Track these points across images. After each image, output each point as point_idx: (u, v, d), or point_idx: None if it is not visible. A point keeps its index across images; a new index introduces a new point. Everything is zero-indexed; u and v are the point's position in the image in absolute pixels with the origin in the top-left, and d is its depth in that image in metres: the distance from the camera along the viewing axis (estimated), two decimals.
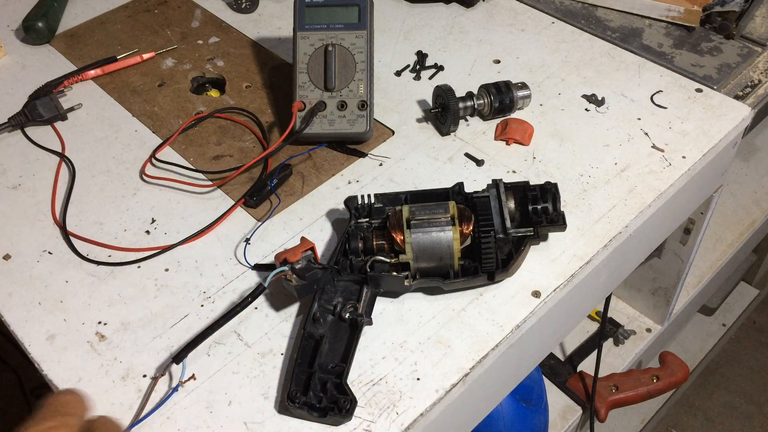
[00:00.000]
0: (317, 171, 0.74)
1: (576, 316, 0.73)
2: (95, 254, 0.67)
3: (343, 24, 0.75)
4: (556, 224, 0.63)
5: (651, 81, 0.82)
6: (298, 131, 0.73)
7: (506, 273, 0.62)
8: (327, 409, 0.54)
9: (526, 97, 0.78)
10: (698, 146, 0.74)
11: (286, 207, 0.70)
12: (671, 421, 1.61)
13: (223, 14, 0.95)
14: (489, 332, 0.59)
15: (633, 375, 1.03)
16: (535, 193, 0.64)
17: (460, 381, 0.57)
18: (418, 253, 0.60)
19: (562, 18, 0.92)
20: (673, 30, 0.90)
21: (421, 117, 0.79)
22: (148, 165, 0.75)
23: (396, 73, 0.85)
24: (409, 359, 0.58)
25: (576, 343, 1.10)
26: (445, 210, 0.61)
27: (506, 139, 0.75)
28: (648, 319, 1.12)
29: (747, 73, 0.85)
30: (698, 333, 1.57)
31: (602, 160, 0.73)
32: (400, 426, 0.54)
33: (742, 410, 1.63)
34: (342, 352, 0.57)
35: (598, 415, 1.00)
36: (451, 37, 0.90)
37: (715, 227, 1.26)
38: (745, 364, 1.70)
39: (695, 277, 1.18)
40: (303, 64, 0.75)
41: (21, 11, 0.93)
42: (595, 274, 0.67)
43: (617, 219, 0.68)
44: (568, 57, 0.86)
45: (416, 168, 0.74)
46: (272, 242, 0.67)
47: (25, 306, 0.63)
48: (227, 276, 0.65)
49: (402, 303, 0.62)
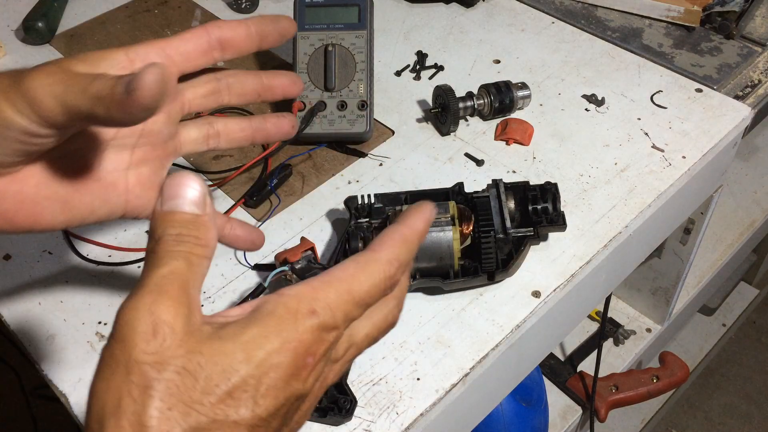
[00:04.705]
0: (317, 171, 0.74)
1: (576, 316, 0.73)
2: (95, 254, 0.67)
3: (343, 24, 0.75)
4: (556, 224, 0.63)
5: (651, 81, 0.82)
6: (298, 131, 0.73)
7: (506, 273, 0.62)
8: (327, 409, 0.54)
9: (526, 97, 0.78)
10: (698, 146, 0.74)
11: (286, 207, 0.70)
12: (671, 421, 1.61)
13: (223, 14, 0.95)
14: (489, 332, 0.59)
15: (633, 375, 1.03)
16: (535, 193, 0.64)
17: (460, 381, 0.57)
18: (418, 253, 0.60)
19: (562, 18, 0.92)
20: (673, 30, 0.90)
21: (421, 117, 0.79)
22: None
23: (396, 73, 0.85)
24: (409, 359, 0.58)
25: (576, 343, 1.10)
26: (445, 210, 0.61)
27: (506, 139, 0.75)
28: (648, 319, 1.12)
29: (747, 73, 0.85)
30: (698, 333, 1.57)
31: (602, 160, 0.73)
32: (400, 426, 0.54)
33: (742, 410, 1.63)
34: None
35: (598, 415, 1.00)
36: (451, 37, 0.90)
37: (715, 227, 1.26)
38: (745, 364, 1.70)
39: (695, 277, 1.18)
40: (303, 64, 0.75)
41: (21, 11, 0.93)
42: (595, 274, 0.67)
43: (617, 219, 0.68)
44: (568, 57, 0.86)
45: (416, 168, 0.74)
46: (272, 242, 0.67)
47: (25, 306, 0.63)
48: (227, 276, 0.65)
49: None
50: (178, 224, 0.33)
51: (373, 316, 0.36)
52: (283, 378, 0.31)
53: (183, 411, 0.28)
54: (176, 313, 0.30)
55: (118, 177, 0.45)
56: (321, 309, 0.32)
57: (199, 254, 0.33)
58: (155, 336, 0.29)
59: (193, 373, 0.29)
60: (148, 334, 0.29)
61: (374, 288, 0.34)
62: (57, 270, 0.66)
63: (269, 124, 0.50)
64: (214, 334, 0.30)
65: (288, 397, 0.31)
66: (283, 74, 0.49)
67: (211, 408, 0.29)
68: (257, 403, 0.30)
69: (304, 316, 0.32)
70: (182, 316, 0.30)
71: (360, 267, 0.34)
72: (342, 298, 0.33)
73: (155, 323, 0.29)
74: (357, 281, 0.34)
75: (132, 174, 0.45)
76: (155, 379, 0.28)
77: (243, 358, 0.30)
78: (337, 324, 0.33)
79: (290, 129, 0.51)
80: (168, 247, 0.32)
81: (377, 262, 0.35)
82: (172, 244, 0.32)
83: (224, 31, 0.44)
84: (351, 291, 0.33)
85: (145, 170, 0.46)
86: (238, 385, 0.29)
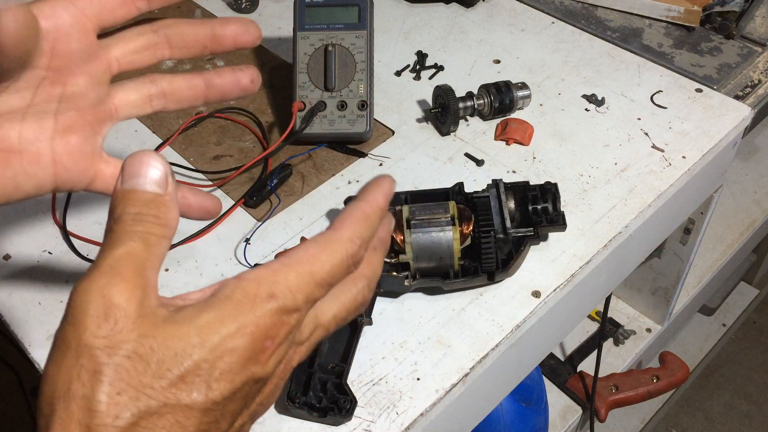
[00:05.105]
0: (317, 171, 0.74)
1: (576, 316, 0.73)
2: (95, 254, 0.66)
3: (343, 24, 0.75)
4: (556, 224, 0.63)
5: (651, 81, 0.82)
6: (298, 131, 0.73)
7: (506, 273, 0.62)
8: (327, 409, 0.54)
9: (526, 97, 0.78)
10: (698, 146, 0.74)
11: (286, 207, 0.70)
12: (671, 421, 1.61)
13: (223, 14, 0.95)
14: (489, 332, 0.59)
15: (633, 375, 1.03)
16: (535, 193, 0.64)
17: (460, 381, 0.57)
18: (418, 253, 0.60)
19: (562, 18, 0.92)
20: (673, 30, 0.90)
21: (421, 117, 0.79)
22: None
23: (396, 73, 0.85)
24: (409, 359, 0.58)
25: (576, 343, 1.10)
26: (445, 210, 0.61)
27: (506, 139, 0.75)
28: (648, 319, 1.12)
29: (747, 73, 0.85)
30: (698, 333, 1.57)
31: (602, 160, 0.73)
32: (400, 426, 0.54)
33: (742, 410, 1.63)
34: (342, 352, 0.57)
35: (598, 415, 1.00)
36: (451, 37, 0.90)
37: (715, 227, 1.26)
38: (745, 364, 1.70)
39: (695, 277, 1.18)
40: (303, 64, 0.75)
41: None
42: (595, 274, 0.67)
43: (617, 219, 0.68)
44: (568, 57, 0.86)
45: (416, 168, 0.74)
46: (272, 242, 0.67)
47: (25, 306, 0.63)
48: (227, 276, 0.64)
49: (402, 303, 0.62)
50: (138, 203, 0.32)
51: (341, 296, 0.36)
52: (238, 362, 0.30)
53: (133, 395, 0.28)
54: (130, 296, 0.30)
55: (42, 147, 0.42)
56: (280, 292, 0.31)
57: (158, 234, 0.32)
58: (107, 319, 0.29)
59: (145, 357, 0.29)
60: (100, 318, 0.29)
61: (336, 267, 0.34)
62: (57, 270, 0.66)
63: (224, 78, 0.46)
64: (169, 318, 0.30)
65: (245, 381, 0.31)
66: (234, 20, 0.45)
67: (161, 392, 0.29)
68: (210, 387, 0.29)
69: (262, 300, 0.31)
70: (136, 299, 0.30)
71: (321, 247, 0.34)
72: (303, 279, 0.32)
73: (107, 306, 0.29)
74: (318, 261, 0.33)
75: (59, 143, 0.43)
76: (105, 364, 0.28)
77: (197, 342, 0.29)
78: (298, 306, 0.32)
79: (249, 83, 0.46)
80: (126, 227, 0.32)
81: (339, 241, 0.34)
82: (130, 224, 0.32)
83: None
84: (312, 272, 0.33)
85: (74, 139, 0.44)
86: (190, 369, 0.29)
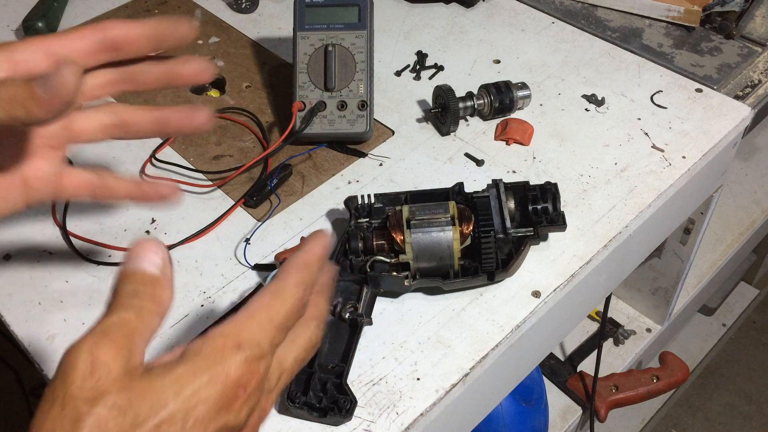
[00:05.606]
0: (317, 171, 0.74)
1: (576, 316, 0.73)
2: (95, 254, 0.67)
3: (343, 24, 0.75)
4: (556, 224, 0.63)
5: (651, 81, 0.82)
6: (298, 131, 0.73)
7: (506, 273, 0.62)
8: (327, 409, 0.54)
9: (526, 97, 0.78)
10: (698, 146, 0.74)
11: (286, 207, 0.70)
12: (671, 421, 1.61)
13: (223, 14, 0.95)
14: (489, 332, 0.59)
15: (633, 375, 1.03)
16: (535, 193, 0.64)
17: (460, 381, 0.57)
18: (418, 253, 0.60)
19: (562, 18, 0.92)
20: (673, 30, 0.90)
21: (421, 117, 0.79)
22: (147, 165, 0.75)
23: (396, 73, 0.85)
24: (409, 359, 0.58)
25: (576, 343, 1.10)
26: (445, 210, 0.61)
27: (506, 139, 0.75)
28: (648, 319, 1.12)
29: (747, 73, 0.85)
30: (698, 333, 1.57)
31: (602, 160, 0.73)
32: (400, 426, 0.54)
33: (742, 410, 1.63)
34: (342, 352, 0.57)
35: (598, 415, 1.00)
36: (451, 37, 0.90)
37: (715, 227, 1.26)
38: (745, 364, 1.70)
39: (695, 277, 1.18)
40: (303, 64, 0.75)
41: (21, 11, 0.93)
42: (595, 274, 0.67)
43: (617, 219, 0.68)
44: (568, 57, 0.86)
45: (416, 168, 0.74)
46: (272, 242, 0.67)
47: (25, 306, 0.63)
48: (227, 276, 0.65)
49: (402, 303, 0.62)
50: (136, 281, 0.35)
51: (297, 339, 0.39)
52: (211, 411, 0.32)
53: None
54: (116, 356, 0.32)
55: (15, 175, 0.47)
56: (246, 341, 0.34)
57: (151, 309, 0.34)
58: (92, 374, 0.31)
59: (123, 408, 0.31)
60: (86, 373, 0.31)
61: (290, 311, 0.37)
62: (57, 270, 0.66)
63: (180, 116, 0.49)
64: (146, 373, 0.32)
65: (218, 429, 0.33)
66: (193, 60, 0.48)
67: None
68: None
69: (230, 351, 0.33)
70: (122, 359, 0.32)
71: (273, 295, 0.37)
72: (263, 326, 0.35)
73: (94, 363, 0.31)
74: (273, 308, 0.36)
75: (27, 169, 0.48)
76: (86, 413, 0.30)
77: (172, 393, 0.32)
78: (264, 352, 0.35)
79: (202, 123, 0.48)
80: (123, 300, 0.34)
81: (286, 288, 0.37)
82: (127, 298, 0.34)
83: (118, 31, 0.44)
84: (270, 318, 0.36)
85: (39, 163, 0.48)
86: (165, 419, 0.31)
